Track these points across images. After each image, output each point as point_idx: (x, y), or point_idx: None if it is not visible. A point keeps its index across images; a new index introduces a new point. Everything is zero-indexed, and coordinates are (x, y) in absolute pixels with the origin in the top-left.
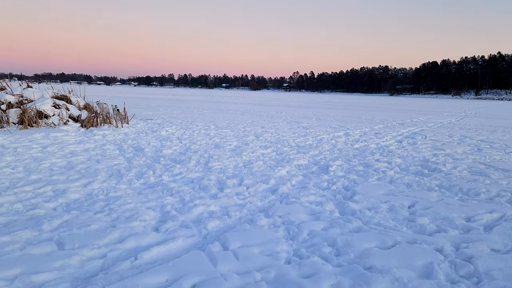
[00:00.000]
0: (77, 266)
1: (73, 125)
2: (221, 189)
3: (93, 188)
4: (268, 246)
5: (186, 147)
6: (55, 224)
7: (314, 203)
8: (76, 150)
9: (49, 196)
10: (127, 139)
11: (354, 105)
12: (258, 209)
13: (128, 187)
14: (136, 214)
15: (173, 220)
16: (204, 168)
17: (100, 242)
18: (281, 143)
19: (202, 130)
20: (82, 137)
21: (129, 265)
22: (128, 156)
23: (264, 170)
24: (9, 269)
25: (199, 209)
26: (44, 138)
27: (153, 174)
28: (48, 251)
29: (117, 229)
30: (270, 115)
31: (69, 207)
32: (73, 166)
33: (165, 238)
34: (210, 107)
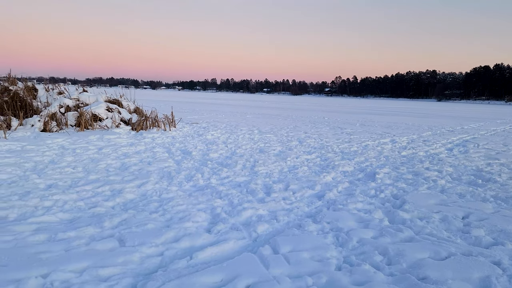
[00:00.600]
0: (138, 263)
1: (125, 128)
2: (268, 194)
3: (146, 189)
4: (318, 251)
5: (231, 151)
6: (115, 222)
7: (362, 210)
8: (129, 152)
9: (107, 196)
10: (175, 142)
11: (400, 110)
12: (306, 215)
13: (179, 189)
14: (188, 215)
15: (223, 222)
16: (250, 172)
17: (157, 240)
18: (325, 149)
19: (246, 135)
20: (133, 140)
21: (185, 263)
22: (177, 159)
23: (309, 176)
24: (78, 262)
25: (248, 213)
26: (99, 140)
27: (202, 177)
28: (111, 247)
29: (172, 229)
30: (312, 120)
31: (126, 206)
32: (126, 168)
33: (217, 239)
34: (252, 112)
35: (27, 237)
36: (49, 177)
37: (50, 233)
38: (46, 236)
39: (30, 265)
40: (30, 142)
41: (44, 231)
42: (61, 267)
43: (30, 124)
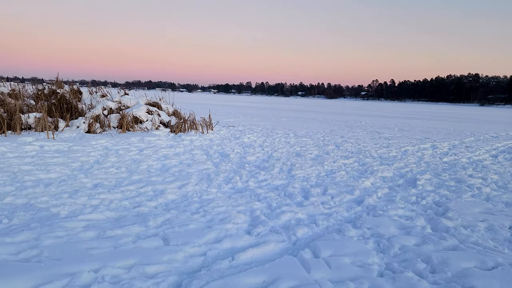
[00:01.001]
0: (182, 261)
1: (164, 130)
2: (306, 197)
3: (187, 190)
4: (359, 257)
5: (268, 154)
6: (158, 222)
7: (403, 217)
8: (168, 154)
9: (150, 196)
10: (213, 145)
11: (440, 115)
12: (345, 220)
13: (218, 191)
14: (228, 217)
15: (263, 224)
16: (287, 176)
17: (200, 241)
18: (363, 153)
19: (282, 138)
20: (172, 142)
21: (227, 264)
22: (215, 161)
23: (347, 181)
24: (126, 259)
25: (286, 216)
26: (140, 141)
27: (240, 179)
28: (156, 246)
29: (213, 230)
30: (349, 124)
31: (168, 206)
32: (167, 169)
33: (257, 241)
34: (287, 115)
35: (78, 233)
36: (95, 177)
37: (99, 230)
38: (95, 233)
39: (82, 259)
40: (76, 143)
41: (93, 228)
42: (111, 263)
43: (76, 126)
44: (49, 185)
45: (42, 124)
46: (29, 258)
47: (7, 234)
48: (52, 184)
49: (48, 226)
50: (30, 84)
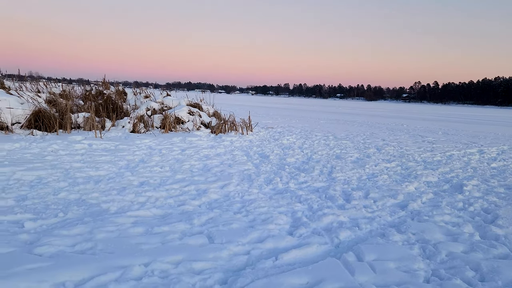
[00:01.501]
0: (227, 259)
1: (204, 131)
2: (348, 201)
3: (229, 190)
4: (404, 262)
5: (307, 156)
6: (203, 220)
7: (449, 223)
8: (210, 154)
9: (193, 195)
10: (252, 146)
11: (487, 119)
12: (389, 224)
13: (260, 192)
14: (270, 217)
15: (305, 226)
16: (328, 178)
17: (243, 240)
18: (406, 157)
19: (321, 140)
20: (213, 142)
21: (271, 264)
22: (255, 162)
23: (390, 185)
24: (173, 255)
25: (328, 218)
26: (182, 141)
27: (280, 181)
28: (201, 243)
29: (256, 230)
30: (390, 127)
31: (211, 205)
32: (209, 169)
33: (300, 242)
34: (326, 118)
35: (128, 228)
36: (140, 175)
37: (147, 226)
38: (144, 229)
39: (133, 254)
40: (121, 142)
41: (141, 224)
42: (160, 258)
43: (121, 125)
44: (98, 182)
45: (90, 123)
46: (84, 250)
47: (63, 227)
48: (102, 181)
49: (100, 221)
50: (77, 85)
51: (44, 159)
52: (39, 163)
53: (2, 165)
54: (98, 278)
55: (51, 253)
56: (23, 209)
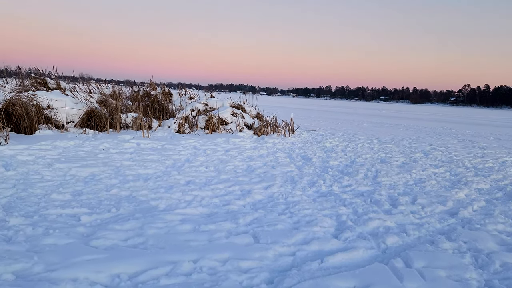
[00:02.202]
0: (272, 259)
1: (247, 132)
2: (394, 206)
3: (272, 191)
4: (455, 271)
5: (351, 159)
6: (247, 220)
7: (504, 232)
8: (253, 156)
9: (238, 195)
10: (295, 148)
11: None
12: (438, 231)
13: (303, 194)
14: (315, 220)
15: (350, 230)
16: (372, 182)
17: (288, 241)
18: (455, 163)
19: (365, 144)
20: (255, 144)
21: (317, 266)
22: (298, 165)
23: (438, 191)
24: (220, 253)
25: (374, 223)
26: (225, 142)
27: (324, 183)
28: (247, 242)
29: (301, 231)
30: (437, 131)
31: (256, 206)
32: (252, 170)
33: (345, 246)
34: (369, 121)
35: (176, 225)
36: (186, 174)
37: (194, 224)
38: (191, 226)
39: (182, 250)
40: (167, 142)
41: (188, 222)
42: (208, 255)
43: (167, 126)
44: (147, 180)
45: (138, 123)
46: (136, 244)
47: (116, 222)
48: (150, 179)
49: (150, 217)
50: (125, 86)
51: (96, 156)
52: (92, 160)
53: (59, 162)
54: (150, 271)
55: (106, 246)
56: (79, 203)
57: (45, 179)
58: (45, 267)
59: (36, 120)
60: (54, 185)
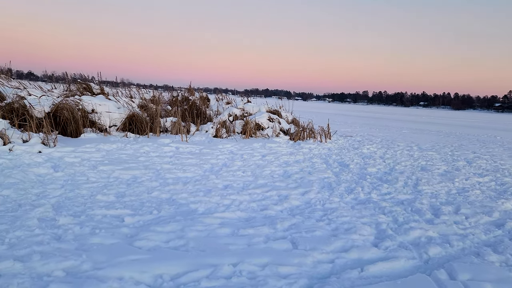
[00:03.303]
0: (311, 266)
1: (283, 138)
2: (437, 215)
3: (310, 197)
4: (503, 285)
5: (390, 167)
6: (285, 225)
7: None
8: (289, 161)
9: (275, 200)
10: (331, 154)
11: None
12: (483, 243)
13: (341, 201)
14: (353, 227)
15: (390, 239)
16: (413, 191)
17: (327, 248)
18: (501, 172)
19: (404, 151)
20: (292, 149)
21: (357, 274)
22: (335, 171)
23: (483, 201)
24: (259, 257)
25: (416, 232)
26: (262, 147)
27: (362, 190)
28: (285, 248)
29: (339, 239)
30: (481, 139)
31: (293, 212)
32: (289, 175)
33: (386, 255)
34: (408, 127)
35: (215, 229)
36: (224, 179)
37: (233, 228)
38: (230, 230)
39: (222, 253)
40: (205, 146)
41: (227, 225)
42: (247, 259)
43: (205, 130)
44: (186, 183)
45: (177, 127)
46: (177, 246)
47: (157, 224)
48: (189, 182)
49: (190, 220)
50: (164, 91)
51: (138, 159)
52: (133, 163)
53: (103, 164)
54: (191, 274)
55: (149, 247)
56: (123, 205)
57: (90, 180)
58: (93, 265)
59: (81, 124)
60: (99, 186)
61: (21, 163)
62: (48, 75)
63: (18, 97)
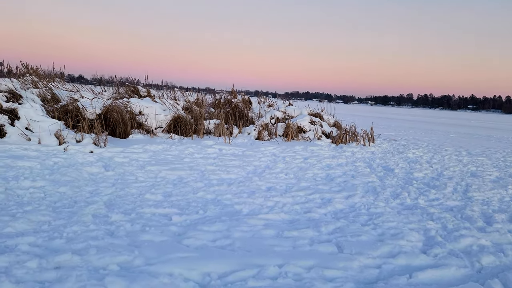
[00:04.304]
0: (357, 270)
1: (325, 141)
2: (489, 223)
3: (354, 201)
4: None
5: (437, 172)
6: (330, 229)
7: None
8: (331, 164)
9: (318, 203)
10: (375, 158)
11: None
12: None
13: (386, 206)
14: (400, 233)
15: (440, 246)
16: (463, 197)
17: (373, 253)
18: None
19: (452, 156)
20: (334, 152)
21: (405, 281)
22: (379, 175)
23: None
24: (305, 260)
25: (467, 240)
26: (303, 150)
27: (408, 196)
28: (331, 251)
29: (386, 244)
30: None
31: (337, 215)
32: (332, 179)
33: (436, 263)
34: (456, 131)
35: (260, 230)
36: (267, 180)
37: (277, 230)
38: (275, 232)
39: (267, 254)
40: (248, 148)
41: (271, 227)
42: (292, 261)
43: (247, 132)
44: (230, 185)
45: (220, 129)
46: (224, 246)
47: (203, 223)
48: (233, 184)
49: (235, 221)
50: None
51: (183, 160)
52: (178, 164)
53: (150, 164)
54: (238, 273)
55: (196, 245)
56: (170, 204)
57: (139, 180)
58: (145, 260)
59: (129, 125)
60: (147, 186)
61: (75, 162)
62: (97, 78)
63: (72, 99)
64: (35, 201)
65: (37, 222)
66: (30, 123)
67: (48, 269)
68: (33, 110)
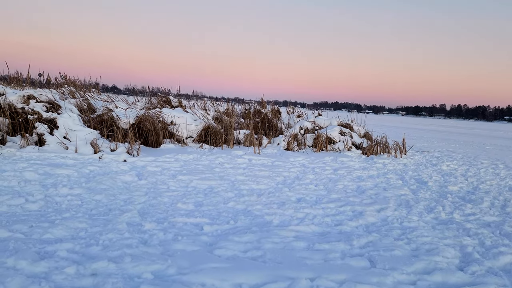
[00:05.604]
0: (391, 286)
1: (355, 152)
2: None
3: (386, 214)
4: None
5: (473, 185)
6: (362, 242)
7: None
8: (362, 176)
9: (349, 216)
10: (407, 170)
11: None
12: None
13: (420, 220)
14: (435, 249)
15: (478, 263)
16: (501, 212)
17: (408, 269)
18: None
19: (489, 169)
20: (364, 164)
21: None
22: (412, 188)
23: None
24: (336, 273)
25: (506, 258)
26: (333, 161)
27: (443, 210)
28: (363, 266)
29: (421, 260)
30: None
31: (369, 229)
32: (363, 191)
33: (473, 281)
34: (492, 143)
35: (291, 242)
36: (297, 192)
37: (308, 242)
38: (305, 244)
39: (299, 267)
40: (277, 159)
41: (302, 239)
42: (324, 274)
43: (277, 143)
44: (260, 195)
45: (250, 140)
46: (255, 257)
47: (234, 234)
48: (263, 194)
49: (266, 232)
50: (235, 103)
51: (213, 170)
52: (209, 173)
53: (181, 174)
54: (270, 285)
55: (227, 256)
56: (201, 213)
57: (170, 189)
58: (177, 270)
59: (161, 135)
60: (179, 195)
61: (109, 170)
62: (130, 88)
63: (107, 109)
64: (73, 208)
65: (74, 229)
66: (68, 132)
67: (85, 276)
68: (71, 119)
